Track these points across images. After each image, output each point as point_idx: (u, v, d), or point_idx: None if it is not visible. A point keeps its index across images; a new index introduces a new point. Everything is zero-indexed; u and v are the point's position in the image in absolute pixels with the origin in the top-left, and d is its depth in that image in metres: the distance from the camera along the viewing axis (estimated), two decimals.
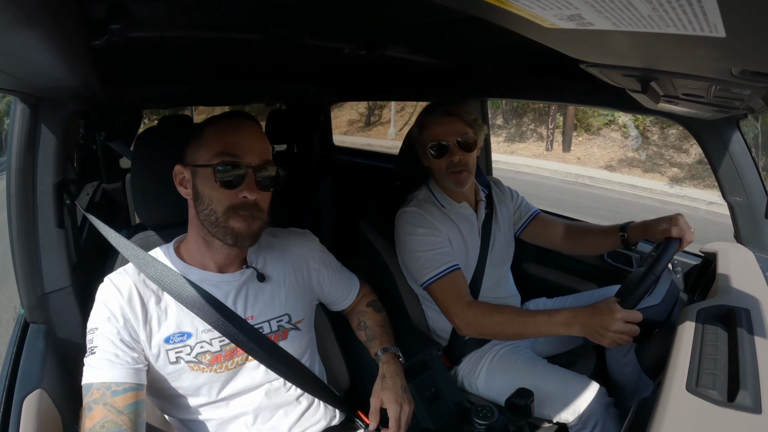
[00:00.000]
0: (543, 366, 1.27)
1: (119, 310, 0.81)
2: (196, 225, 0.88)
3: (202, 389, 0.87)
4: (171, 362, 0.84)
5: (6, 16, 0.38)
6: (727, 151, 1.21)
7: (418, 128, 1.34)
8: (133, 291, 0.84)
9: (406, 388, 1.00)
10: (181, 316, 0.86)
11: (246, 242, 0.86)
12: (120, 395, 0.76)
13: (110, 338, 0.80)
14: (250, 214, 0.84)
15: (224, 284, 0.90)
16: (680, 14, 0.28)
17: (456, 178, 1.27)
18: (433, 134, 1.28)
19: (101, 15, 0.76)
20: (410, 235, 1.28)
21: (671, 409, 0.64)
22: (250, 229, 0.85)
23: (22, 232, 0.95)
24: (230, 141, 0.83)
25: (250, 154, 0.84)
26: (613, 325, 0.97)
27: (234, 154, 0.83)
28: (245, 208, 0.83)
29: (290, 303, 0.97)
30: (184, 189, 0.88)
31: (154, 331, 0.83)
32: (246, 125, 0.86)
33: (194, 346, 0.85)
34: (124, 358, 0.79)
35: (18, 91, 0.83)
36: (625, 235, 1.29)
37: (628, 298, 1.00)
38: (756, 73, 0.45)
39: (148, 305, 0.84)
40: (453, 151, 1.26)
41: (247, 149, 0.84)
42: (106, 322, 0.80)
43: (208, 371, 0.86)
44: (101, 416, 0.73)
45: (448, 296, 1.21)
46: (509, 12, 0.38)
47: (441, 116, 1.28)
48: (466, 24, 0.96)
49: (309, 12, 0.95)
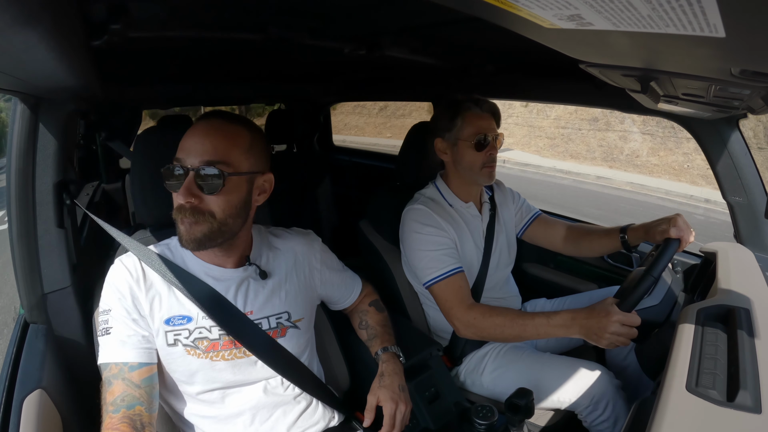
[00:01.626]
0: (548, 357, 1.28)
1: (127, 288, 0.85)
2: None
3: (196, 375, 0.87)
4: (168, 344, 0.85)
5: (6, 16, 0.38)
6: (726, 151, 1.21)
7: (454, 120, 1.31)
8: (141, 270, 0.87)
9: (405, 388, 1.00)
10: (184, 300, 0.87)
11: (189, 246, 0.83)
12: (136, 370, 0.81)
13: (123, 319, 0.83)
14: (190, 219, 0.81)
15: (226, 278, 0.91)
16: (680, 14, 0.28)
17: (490, 172, 1.31)
18: (476, 127, 1.29)
19: (101, 15, 0.76)
20: (417, 233, 1.28)
21: (671, 409, 0.64)
22: (188, 233, 0.81)
23: (22, 232, 0.95)
24: (182, 143, 0.83)
25: (191, 155, 0.81)
26: (610, 327, 0.97)
27: (179, 158, 0.82)
28: (182, 211, 0.81)
29: (290, 301, 0.97)
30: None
31: (156, 310, 0.86)
32: (199, 126, 0.83)
33: (193, 331, 0.87)
34: (137, 338, 0.83)
35: (18, 91, 0.83)
36: (625, 236, 1.29)
37: (626, 299, 1.00)
38: (756, 73, 0.45)
39: (154, 284, 0.87)
40: (492, 145, 1.30)
41: (189, 151, 0.81)
42: (118, 303, 0.84)
43: (203, 357, 0.86)
44: (121, 390, 0.79)
45: (450, 298, 1.22)
46: (509, 12, 0.38)
47: (485, 111, 1.31)
48: (466, 24, 0.96)
49: (309, 12, 0.95)
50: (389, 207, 1.45)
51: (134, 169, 0.99)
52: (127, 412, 0.77)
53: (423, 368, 1.18)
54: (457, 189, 1.38)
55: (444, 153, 1.35)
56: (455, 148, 1.32)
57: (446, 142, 1.33)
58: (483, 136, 1.28)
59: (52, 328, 0.99)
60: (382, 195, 1.54)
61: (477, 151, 1.29)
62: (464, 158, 1.31)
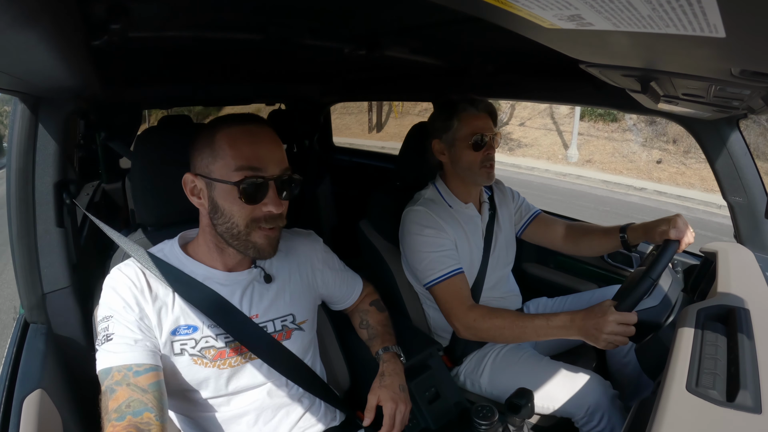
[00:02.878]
0: (547, 362, 1.28)
1: (134, 300, 0.81)
2: (210, 233, 0.87)
3: (203, 384, 0.87)
4: (175, 354, 0.84)
5: (6, 16, 0.38)
6: (727, 151, 1.21)
7: (450, 121, 1.32)
8: (144, 281, 0.84)
9: (405, 388, 1.00)
10: (189, 309, 0.86)
11: (266, 254, 0.86)
12: (142, 375, 0.76)
13: (127, 325, 0.79)
14: (272, 226, 0.84)
15: (231, 283, 0.90)
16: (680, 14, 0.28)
17: (489, 172, 1.31)
18: (473, 127, 1.29)
19: (101, 15, 0.75)
20: (417, 234, 1.28)
21: (671, 409, 0.64)
22: (271, 244, 0.85)
23: (22, 232, 0.95)
24: (249, 153, 0.81)
25: (271, 165, 0.82)
26: (606, 327, 0.98)
27: (255, 167, 0.81)
28: (269, 220, 0.83)
29: (295, 303, 0.97)
30: (197, 199, 0.86)
31: (163, 321, 0.84)
32: (262, 133, 0.84)
33: (199, 340, 0.86)
34: (143, 343, 0.79)
35: (18, 91, 0.83)
36: (625, 236, 1.29)
37: (624, 300, 1.01)
38: (756, 73, 0.45)
39: (158, 295, 0.85)
40: (490, 145, 1.30)
41: (268, 161, 0.82)
42: (122, 310, 0.80)
43: (211, 366, 0.86)
44: (126, 396, 0.72)
45: (450, 299, 1.22)
46: (509, 12, 0.37)
47: (481, 111, 1.31)
48: (466, 24, 0.96)
49: (309, 12, 0.95)
50: (389, 207, 1.45)
51: (134, 169, 0.99)
52: (133, 419, 0.70)
53: (423, 368, 1.18)
54: (456, 189, 1.38)
55: (442, 154, 1.35)
56: (453, 149, 1.32)
57: (443, 143, 1.33)
58: (480, 136, 1.28)
59: (52, 328, 0.99)
60: (382, 195, 1.54)
61: (474, 151, 1.29)
62: (462, 159, 1.31)
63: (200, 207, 0.87)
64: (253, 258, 0.86)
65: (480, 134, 1.28)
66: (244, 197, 0.80)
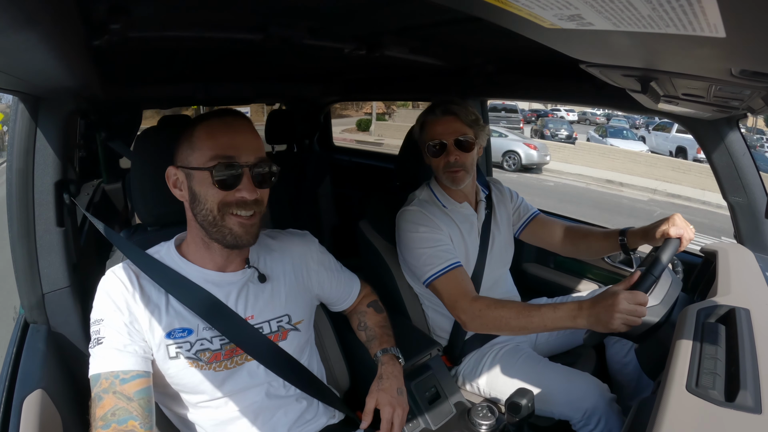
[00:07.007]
0: (545, 364, 1.28)
1: (125, 304, 0.82)
2: (194, 227, 0.88)
3: (200, 386, 0.86)
4: (170, 357, 0.84)
5: (6, 16, 0.38)
6: (727, 151, 1.21)
7: (419, 127, 1.35)
8: (137, 284, 0.84)
9: (403, 391, 1.00)
10: (183, 311, 0.86)
11: (243, 241, 0.86)
12: (128, 383, 0.77)
13: (117, 329, 0.80)
14: (248, 214, 0.84)
15: (226, 284, 0.90)
16: (680, 14, 0.28)
17: (452, 176, 1.29)
18: (432, 133, 1.30)
19: (101, 15, 0.75)
20: (412, 233, 1.28)
21: (671, 409, 0.64)
22: (248, 232, 0.85)
23: (22, 231, 0.94)
24: (224, 142, 0.83)
25: (245, 153, 0.84)
26: (619, 305, 0.93)
27: (229, 156, 0.82)
28: (241, 206, 0.83)
29: (290, 304, 0.97)
30: (178, 191, 0.88)
31: (156, 325, 0.83)
32: (238, 124, 0.86)
33: (194, 343, 0.85)
34: (132, 348, 0.80)
35: (18, 91, 0.83)
36: (624, 239, 1.28)
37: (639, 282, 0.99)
38: (756, 73, 0.45)
39: (151, 298, 0.85)
40: (450, 150, 1.27)
41: (242, 148, 0.84)
42: (113, 314, 0.81)
43: (206, 369, 0.86)
44: (112, 404, 0.74)
45: (453, 291, 1.21)
46: (509, 12, 0.38)
47: (440, 116, 1.29)
48: (466, 24, 0.96)
49: (309, 12, 0.95)
50: (389, 207, 1.45)
51: (134, 168, 0.99)
52: (118, 427, 0.72)
53: (423, 368, 1.18)
54: (448, 190, 1.37)
55: (426, 158, 1.36)
56: (425, 154, 1.34)
57: (421, 148, 1.36)
58: (437, 143, 1.28)
59: (52, 328, 0.99)
60: (381, 195, 1.54)
61: (434, 157, 1.30)
62: (431, 164, 1.33)
63: (182, 199, 0.88)
64: (232, 245, 0.85)
65: (438, 140, 1.28)
66: (217, 183, 0.82)
